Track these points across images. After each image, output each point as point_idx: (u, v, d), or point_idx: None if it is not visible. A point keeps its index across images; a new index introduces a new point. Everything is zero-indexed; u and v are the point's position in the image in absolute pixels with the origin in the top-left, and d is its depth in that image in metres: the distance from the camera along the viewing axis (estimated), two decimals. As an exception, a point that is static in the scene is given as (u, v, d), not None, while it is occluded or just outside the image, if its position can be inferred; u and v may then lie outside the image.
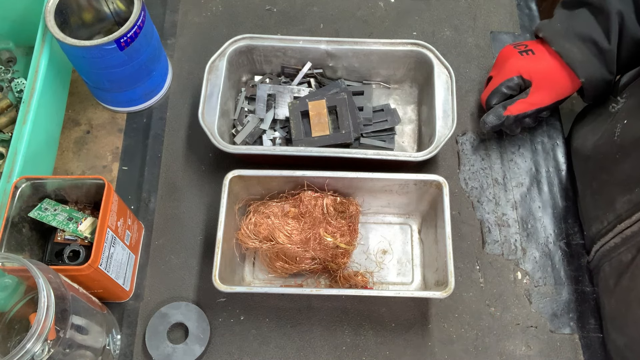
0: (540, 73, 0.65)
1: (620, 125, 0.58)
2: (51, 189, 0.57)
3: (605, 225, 0.59)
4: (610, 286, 0.58)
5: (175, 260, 0.64)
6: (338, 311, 0.62)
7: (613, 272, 0.58)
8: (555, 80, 0.65)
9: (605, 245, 0.59)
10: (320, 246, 0.59)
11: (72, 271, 0.51)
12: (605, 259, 0.59)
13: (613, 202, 0.58)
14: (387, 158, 0.62)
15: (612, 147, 0.59)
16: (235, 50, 0.68)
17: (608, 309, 0.59)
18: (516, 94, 0.66)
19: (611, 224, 0.58)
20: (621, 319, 0.56)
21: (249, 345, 0.60)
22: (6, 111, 0.70)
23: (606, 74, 0.63)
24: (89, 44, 0.59)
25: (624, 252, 0.56)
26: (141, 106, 0.72)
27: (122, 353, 0.60)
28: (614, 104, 0.62)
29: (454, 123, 0.64)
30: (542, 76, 0.65)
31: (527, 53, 0.66)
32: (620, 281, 0.56)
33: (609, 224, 0.58)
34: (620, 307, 0.56)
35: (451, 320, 0.62)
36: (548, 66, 0.65)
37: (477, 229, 0.66)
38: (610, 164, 0.59)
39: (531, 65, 0.65)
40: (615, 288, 0.57)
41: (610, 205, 0.58)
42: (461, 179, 0.69)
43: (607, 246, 0.59)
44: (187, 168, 0.69)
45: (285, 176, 0.60)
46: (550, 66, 0.65)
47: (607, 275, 0.59)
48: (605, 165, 0.60)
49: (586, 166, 0.65)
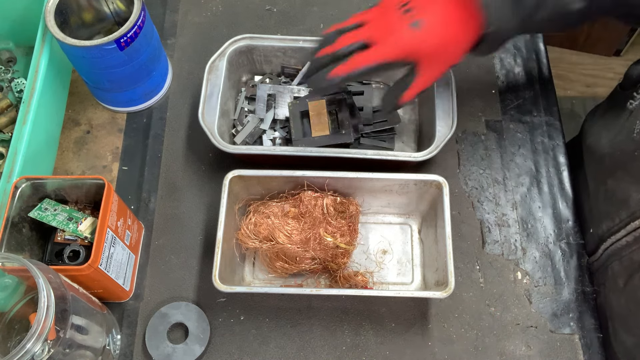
0: (430, 50, 0.52)
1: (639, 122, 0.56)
2: (51, 189, 0.57)
3: (617, 223, 0.58)
4: (620, 285, 0.57)
5: (175, 260, 0.64)
6: (338, 311, 0.62)
7: (623, 271, 0.57)
8: (445, 52, 0.53)
9: (617, 243, 0.58)
10: (320, 246, 0.59)
11: (72, 271, 0.51)
12: (615, 257, 0.59)
13: (627, 199, 0.57)
14: (387, 158, 0.62)
15: (630, 144, 0.57)
16: (235, 50, 0.68)
17: (617, 309, 0.58)
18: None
19: (624, 221, 0.57)
20: (631, 318, 0.56)
21: (249, 345, 0.60)
22: (6, 111, 0.70)
23: (513, 28, 0.52)
24: (89, 44, 0.59)
25: (636, 250, 0.55)
26: (141, 106, 0.72)
27: (122, 353, 0.60)
28: (632, 100, 0.59)
29: (454, 123, 0.64)
30: (432, 53, 0.53)
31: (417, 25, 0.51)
32: (631, 280, 0.55)
33: (621, 222, 0.57)
34: (631, 307, 0.56)
35: (451, 320, 0.62)
36: (440, 39, 0.52)
37: (477, 229, 0.66)
38: (628, 160, 0.57)
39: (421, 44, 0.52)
40: (625, 287, 0.56)
41: (624, 202, 0.57)
42: (461, 179, 0.69)
43: (618, 244, 0.58)
44: (187, 168, 0.69)
45: (285, 176, 0.60)
46: (442, 38, 0.52)
47: (617, 274, 0.58)
48: (622, 162, 0.59)
49: (601, 163, 0.63)
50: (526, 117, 0.73)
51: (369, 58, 0.53)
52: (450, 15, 0.52)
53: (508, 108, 0.74)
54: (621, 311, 0.58)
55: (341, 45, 0.54)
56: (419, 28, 0.51)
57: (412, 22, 0.51)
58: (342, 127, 0.66)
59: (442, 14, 0.52)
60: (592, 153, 0.66)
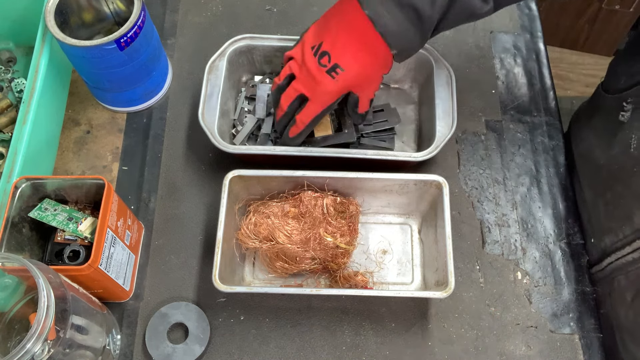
0: (357, 84, 0.59)
1: (635, 136, 0.56)
2: (51, 189, 0.57)
3: (620, 239, 0.58)
4: (627, 299, 0.57)
5: (175, 260, 0.64)
6: (338, 311, 0.62)
7: (630, 286, 0.56)
8: (372, 76, 0.59)
9: (622, 258, 0.58)
10: (320, 246, 0.59)
11: (72, 271, 0.51)
12: (621, 272, 0.58)
13: (631, 216, 0.56)
14: (387, 158, 0.62)
15: (628, 159, 0.57)
16: (235, 50, 0.68)
17: (625, 322, 0.58)
18: None
19: (628, 237, 0.56)
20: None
21: (249, 345, 0.60)
22: (6, 111, 0.70)
23: (418, 44, 0.56)
24: (89, 44, 0.59)
25: None
26: (141, 106, 0.72)
27: (122, 353, 0.60)
28: (622, 112, 0.59)
29: (454, 123, 0.64)
30: (360, 84, 0.59)
31: (336, 71, 0.57)
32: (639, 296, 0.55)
33: (626, 238, 0.57)
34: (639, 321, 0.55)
35: (451, 320, 0.62)
36: (359, 73, 0.57)
37: (477, 229, 0.66)
38: (628, 176, 0.57)
39: (346, 84, 0.58)
40: (633, 302, 0.56)
41: (627, 218, 0.56)
42: (461, 179, 0.69)
43: (623, 260, 0.57)
44: (187, 168, 0.69)
45: (285, 176, 0.60)
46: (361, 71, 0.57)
47: (623, 288, 0.58)
48: (622, 177, 0.58)
49: (598, 175, 0.63)
50: (526, 117, 0.73)
51: (309, 113, 0.60)
52: (358, 51, 0.56)
53: (508, 108, 0.74)
54: (629, 325, 0.57)
55: (285, 107, 0.61)
56: (337, 73, 0.57)
57: (329, 68, 0.57)
58: (344, 126, 0.66)
59: (351, 52, 0.56)
60: (586, 161, 0.66)
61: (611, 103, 0.61)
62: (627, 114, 0.59)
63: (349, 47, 0.56)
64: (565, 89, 1.56)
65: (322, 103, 0.59)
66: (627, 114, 0.59)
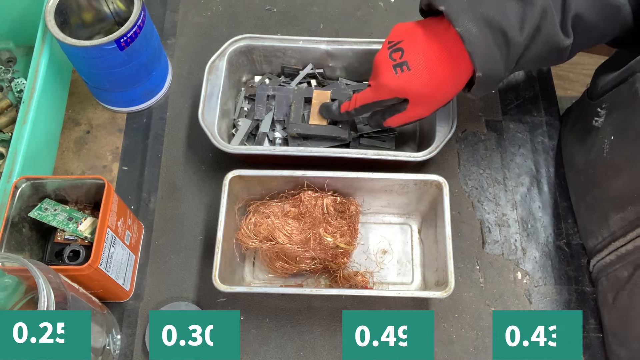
0: (417, 92, 0.55)
1: (607, 142, 0.56)
2: (51, 189, 0.57)
3: (600, 241, 0.59)
4: (609, 301, 0.58)
5: (175, 260, 0.64)
6: (338, 311, 0.62)
7: (611, 288, 0.58)
8: (434, 95, 0.56)
9: (602, 260, 0.59)
10: (320, 246, 0.59)
11: (72, 271, 0.51)
12: (602, 273, 0.59)
13: (607, 218, 0.57)
14: (387, 158, 0.62)
15: (602, 164, 0.58)
16: (235, 50, 0.68)
17: (608, 323, 0.59)
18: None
19: (606, 240, 0.58)
20: (623, 334, 0.56)
21: (249, 345, 0.60)
22: (6, 111, 0.70)
23: (502, 71, 0.53)
24: (89, 44, 0.59)
25: (620, 268, 0.56)
26: (141, 106, 0.72)
27: (122, 353, 0.60)
28: (596, 117, 0.59)
29: (454, 123, 0.64)
30: (419, 95, 0.56)
31: (402, 68, 0.54)
32: (619, 297, 0.56)
33: (604, 240, 0.58)
34: (622, 323, 0.56)
35: (451, 320, 0.62)
36: (425, 83, 0.54)
37: (477, 229, 0.66)
38: (602, 180, 0.58)
39: (407, 85, 0.55)
40: (614, 304, 0.57)
41: (604, 221, 0.58)
42: (461, 179, 0.69)
43: (603, 262, 0.59)
44: (187, 168, 0.69)
45: (285, 176, 0.60)
46: (428, 82, 0.54)
47: (605, 290, 0.59)
48: (597, 181, 0.59)
49: (578, 179, 0.64)
50: (526, 117, 0.73)
51: (363, 97, 0.59)
52: (437, 60, 0.54)
53: (508, 108, 0.74)
54: (612, 326, 0.58)
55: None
56: (402, 71, 0.55)
57: (397, 63, 0.55)
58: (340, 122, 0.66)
59: (427, 57, 0.54)
60: (570, 166, 0.67)
61: (590, 109, 0.61)
62: (600, 119, 0.58)
63: (427, 53, 0.54)
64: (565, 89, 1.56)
65: (377, 94, 0.57)
66: (600, 119, 0.58)
